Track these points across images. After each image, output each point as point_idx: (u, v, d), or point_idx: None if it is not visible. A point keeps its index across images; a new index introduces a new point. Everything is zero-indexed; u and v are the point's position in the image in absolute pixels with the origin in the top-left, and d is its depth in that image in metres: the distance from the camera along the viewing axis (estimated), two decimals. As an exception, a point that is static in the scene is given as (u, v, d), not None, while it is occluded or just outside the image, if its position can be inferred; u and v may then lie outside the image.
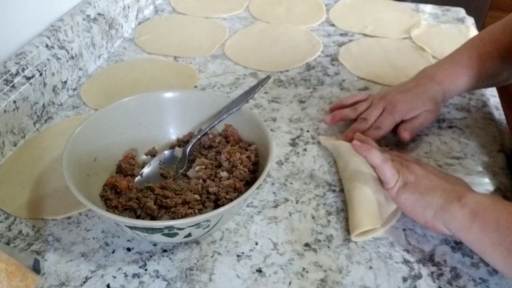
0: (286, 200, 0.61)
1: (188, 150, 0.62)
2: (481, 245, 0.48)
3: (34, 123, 0.72)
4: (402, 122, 0.68)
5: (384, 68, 0.87)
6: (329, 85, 0.83)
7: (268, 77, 0.68)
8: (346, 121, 0.71)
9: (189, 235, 0.50)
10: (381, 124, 0.68)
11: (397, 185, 0.55)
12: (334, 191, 0.62)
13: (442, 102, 0.70)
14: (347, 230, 0.56)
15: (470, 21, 1.05)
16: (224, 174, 0.58)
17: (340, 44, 0.94)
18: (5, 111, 0.64)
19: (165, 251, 0.54)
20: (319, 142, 0.70)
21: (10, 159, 0.66)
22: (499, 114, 0.77)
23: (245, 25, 1.02)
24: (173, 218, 0.52)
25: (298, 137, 0.71)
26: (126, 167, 0.60)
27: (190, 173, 0.60)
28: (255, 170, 0.59)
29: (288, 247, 0.55)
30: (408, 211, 0.54)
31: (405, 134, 0.67)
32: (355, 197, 0.57)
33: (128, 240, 0.55)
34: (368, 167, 0.60)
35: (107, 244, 0.55)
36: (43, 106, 0.73)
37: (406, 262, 0.53)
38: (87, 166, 0.56)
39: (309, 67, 0.87)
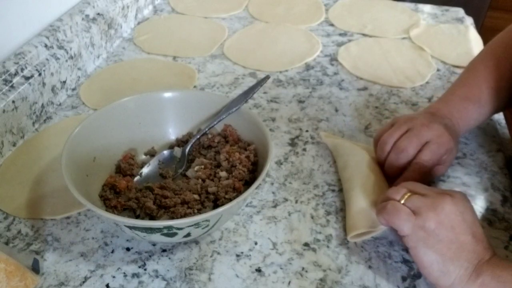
0: (285, 200, 0.61)
1: (187, 150, 0.62)
2: None
3: (33, 123, 0.72)
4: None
5: (383, 68, 0.87)
6: (328, 85, 0.83)
7: (267, 77, 0.68)
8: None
9: (188, 235, 0.50)
10: (428, 162, 0.58)
11: (412, 235, 0.47)
12: (333, 191, 0.62)
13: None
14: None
15: (469, 21, 1.05)
16: (223, 174, 0.58)
17: (339, 44, 0.94)
18: (4, 111, 0.64)
19: (164, 251, 0.54)
20: (318, 142, 0.70)
21: (9, 159, 0.66)
22: (497, 114, 0.77)
23: (244, 25, 1.02)
24: (172, 218, 0.52)
25: (297, 137, 0.71)
26: (125, 167, 0.60)
27: (189, 173, 0.60)
28: (254, 170, 0.59)
29: (288, 247, 0.55)
30: (421, 268, 0.48)
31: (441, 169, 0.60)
32: (353, 198, 0.57)
33: (127, 240, 0.55)
34: (367, 167, 0.61)
35: (106, 244, 0.55)
36: (42, 106, 0.73)
37: (405, 261, 0.53)
38: (86, 166, 0.56)
39: (308, 67, 0.87)
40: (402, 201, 0.49)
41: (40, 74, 0.71)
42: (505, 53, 0.66)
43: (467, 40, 0.96)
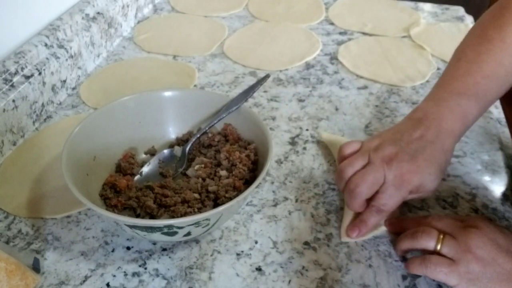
0: (286, 198, 0.61)
1: (187, 149, 0.62)
2: None
3: (33, 122, 0.72)
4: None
5: (384, 66, 0.87)
6: (328, 83, 0.83)
7: (267, 76, 0.68)
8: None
9: (188, 234, 0.50)
10: (386, 206, 0.52)
11: (462, 284, 0.45)
12: (333, 189, 0.62)
13: (449, 163, 0.55)
14: (347, 229, 0.56)
15: (469, 19, 1.05)
16: (223, 173, 0.58)
17: (339, 43, 0.94)
18: (4, 110, 0.64)
19: (164, 250, 0.54)
20: (318, 141, 0.70)
21: (10, 158, 0.66)
22: (498, 112, 0.77)
23: (244, 23, 1.01)
24: (173, 217, 0.52)
25: (297, 135, 0.71)
26: (126, 166, 0.60)
27: (190, 172, 0.60)
28: (254, 169, 0.59)
29: (288, 246, 0.55)
30: None
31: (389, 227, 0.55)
32: None
33: (127, 239, 0.55)
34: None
35: (106, 243, 0.55)
36: (42, 105, 0.73)
37: (405, 260, 0.53)
38: (87, 165, 0.56)
39: (308, 66, 0.87)
40: (439, 247, 0.47)
41: (40, 73, 0.71)
42: (498, 33, 0.55)
43: (467, 39, 0.96)
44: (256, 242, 0.55)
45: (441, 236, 0.48)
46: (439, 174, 0.52)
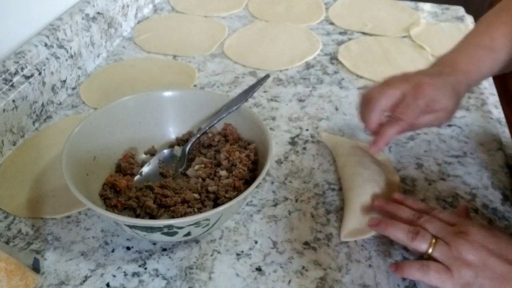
0: (286, 198, 0.61)
1: (187, 149, 0.62)
2: None
3: (33, 122, 0.72)
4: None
5: (384, 66, 0.87)
6: (328, 83, 0.83)
7: (267, 76, 0.68)
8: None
9: (188, 234, 0.50)
10: (403, 114, 0.55)
11: None
12: (333, 189, 0.62)
13: (464, 94, 0.60)
14: (347, 229, 0.56)
15: (470, 19, 1.05)
16: (223, 173, 0.58)
17: (340, 43, 0.94)
18: (4, 110, 0.64)
19: (164, 250, 0.54)
20: (318, 141, 0.70)
21: (10, 158, 0.66)
22: (498, 112, 0.77)
23: (244, 23, 1.01)
24: (173, 217, 0.52)
25: (297, 135, 0.71)
26: (126, 166, 0.60)
27: (190, 172, 0.60)
28: (254, 169, 0.59)
29: (288, 246, 0.55)
30: None
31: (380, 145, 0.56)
32: (352, 200, 0.57)
33: (127, 239, 0.55)
34: (366, 167, 0.61)
35: (106, 243, 0.55)
36: (42, 105, 0.73)
37: (405, 260, 0.53)
38: (87, 165, 0.56)
39: (308, 65, 0.87)
40: (430, 250, 0.48)
41: (40, 73, 0.71)
42: None
43: (467, 39, 0.96)
44: (256, 242, 0.55)
45: (433, 241, 0.48)
46: (454, 98, 0.56)
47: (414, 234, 0.49)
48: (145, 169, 0.60)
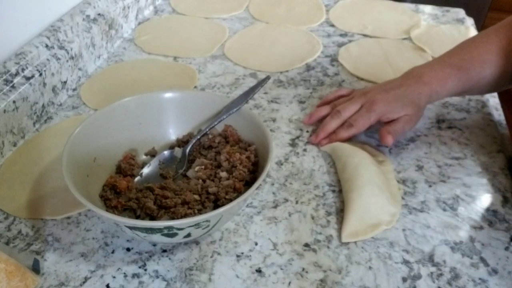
0: (286, 200, 0.61)
1: (187, 150, 0.62)
2: None
3: (34, 123, 0.72)
4: (385, 124, 0.65)
5: (384, 68, 0.87)
6: (329, 85, 0.83)
7: (267, 78, 0.68)
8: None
9: (188, 235, 0.50)
10: (355, 121, 0.65)
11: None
12: (333, 191, 0.62)
13: (426, 105, 0.67)
14: (347, 231, 0.56)
15: (470, 22, 1.05)
16: (223, 174, 0.58)
17: (340, 45, 0.94)
18: (4, 111, 0.64)
19: (164, 251, 0.54)
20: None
21: (10, 159, 0.66)
22: (498, 115, 0.77)
23: (245, 25, 1.02)
24: (173, 218, 0.52)
25: (297, 137, 0.71)
26: (126, 167, 0.60)
27: (190, 173, 0.60)
28: (254, 171, 0.59)
29: (288, 247, 0.55)
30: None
31: (388, 139, 0.63)
32: (352, 201, 0.57)
33: (127, 240, 0.55)
34: (366, 168, 0.61)
35: (106, 244, 0.55)
36: (43, 106, 0.73)
37: (405, 262, 0.53)
38: (87, 166, 0.56)
39: (308, 67, 0.87)
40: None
41: (40, 74, 0.71)
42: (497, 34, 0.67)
43: (467, 41, 0.96)
44: (256, 244, 0.55)
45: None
46: (410, 108, 0.65)
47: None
48: (146, 170, 0.60)
